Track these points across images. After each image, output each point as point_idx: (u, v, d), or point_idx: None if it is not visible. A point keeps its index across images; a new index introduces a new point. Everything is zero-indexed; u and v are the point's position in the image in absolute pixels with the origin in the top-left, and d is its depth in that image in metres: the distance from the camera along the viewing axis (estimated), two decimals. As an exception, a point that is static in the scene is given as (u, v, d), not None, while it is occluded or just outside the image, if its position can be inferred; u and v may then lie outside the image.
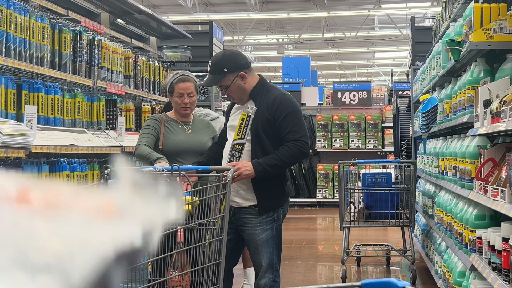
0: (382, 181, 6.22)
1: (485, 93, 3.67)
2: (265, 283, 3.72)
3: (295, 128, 3.62)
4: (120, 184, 0.65)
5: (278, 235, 3.76)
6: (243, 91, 3.69)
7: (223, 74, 3.62)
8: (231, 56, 3.69)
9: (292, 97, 3.81)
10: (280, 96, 3.69)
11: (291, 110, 3.65)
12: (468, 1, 4.48)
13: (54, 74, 4.86)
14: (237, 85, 3.65)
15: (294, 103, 3.74)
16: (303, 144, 3.61)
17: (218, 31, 9.53)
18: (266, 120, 3.63)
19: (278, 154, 3.57)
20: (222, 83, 3.65)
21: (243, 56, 3.77)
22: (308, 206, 12.98)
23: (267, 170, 3.55)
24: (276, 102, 3.64)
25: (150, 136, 4.05)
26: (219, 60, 3.65)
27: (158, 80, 7.20)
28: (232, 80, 3.63)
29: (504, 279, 3.09)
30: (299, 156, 3.64)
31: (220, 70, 3.62)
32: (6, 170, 3.99)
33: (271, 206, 3.71)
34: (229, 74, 3.63)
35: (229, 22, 21.49)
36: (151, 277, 3.39)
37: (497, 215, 3.75)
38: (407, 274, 6.36)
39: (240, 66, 3.66)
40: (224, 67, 3.62)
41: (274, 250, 3.74)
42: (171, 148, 4.10)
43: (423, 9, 18.65)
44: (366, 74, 32.55)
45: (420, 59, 8.48)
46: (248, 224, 3.72)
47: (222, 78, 3.63)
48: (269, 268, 3.72)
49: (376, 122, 12.73)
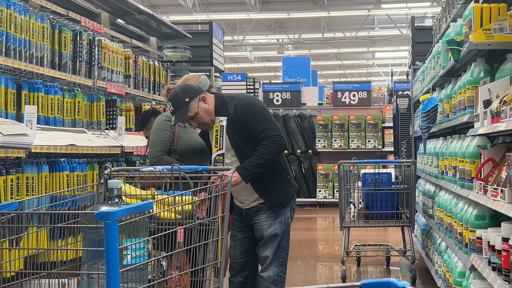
0: (382, 181, 6.22)
1: (485, 93, 3.67)
2: (268, 276, 3.78)
3: (264, 125, 3.72)
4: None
5: (286, 230, 3.86)
6: (210, 112, 3.77)
7: (187, 104, 3.70)
8: (185, 87, 3.78)
9: (251, 96, 3.93)
10: (237, 102, 3.78)
11: (253, 111, 3.75)
12: (468, 1, 4.48)
13: (54, 74, 4.86)
14: (203, 109, 3.74)
15: (254, 103, 3.82)
16: (278, 138, 3.72)
17: (218, 31, 9.53)
18: (239, 130, 3.75)
19: (258, 154, 3.69)
20: (190, 114, 3.71)
21: (193, 82, 3.87)
22: (308, 206, 12.98)
23: (252, 172, 3.67)
24: (237, 110, 3.75)
25: (167, 143, 4.15)
26: (177, 95, 3.72)
27: (158, 80, 7.20)
28: (197, 107, 3.72)
29: (504, 279, 3.09)
30: (278, 149, 3.73)
31: (182, 103, 3.70)
32: (6, 170, 3.99)
33: (276, 202, 3.83)
34: (192, 102, 3.71)
35: (229, 22, 21.48)
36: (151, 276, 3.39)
37: (497, 215, 3.75)
38: (407, 274, 6.36)
39: (196, 91, 3.76)
40: (184, 98, 3.70)
41: (282, 244, 3.83)
42: (184, 147, 4.20)
43: (423, 9, 18.64)
44: (366, 74, 32.55)
45: (420, 59, 8.48)
46: (257, 221, 3.84)
47: (188, 108, 3.70)
48: (274, 261, 3.78)
49: (376, 122, 12.72)
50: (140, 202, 2.76)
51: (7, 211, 2.49)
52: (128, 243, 2.47)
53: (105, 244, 2.13)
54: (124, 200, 2.84)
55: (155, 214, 2.94)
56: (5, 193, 3.95)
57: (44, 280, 2.71)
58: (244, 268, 3.92)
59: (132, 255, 2.51)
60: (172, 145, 4.16)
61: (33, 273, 2.61)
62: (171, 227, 2.98)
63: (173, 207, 2.94)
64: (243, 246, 3.92)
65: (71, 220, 2.91)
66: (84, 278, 2.48)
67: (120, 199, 2.68)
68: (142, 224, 2.57)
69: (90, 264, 2.42)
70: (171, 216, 3.02)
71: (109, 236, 2.13)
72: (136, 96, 6.63)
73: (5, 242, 2.52)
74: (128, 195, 3.10)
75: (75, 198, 3.70)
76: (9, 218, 2.54)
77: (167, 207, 2.98)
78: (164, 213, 2.97)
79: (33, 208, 3.29)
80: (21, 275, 2.62)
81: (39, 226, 3.85)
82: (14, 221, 2.62)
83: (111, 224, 2.14)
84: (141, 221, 2.53)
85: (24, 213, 2.93)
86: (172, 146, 4.16)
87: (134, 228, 2.49)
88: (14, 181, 4.05)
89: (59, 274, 2.81)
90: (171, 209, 2.97)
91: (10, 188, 4.00)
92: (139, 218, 2.49)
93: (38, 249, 3.61)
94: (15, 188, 4.07)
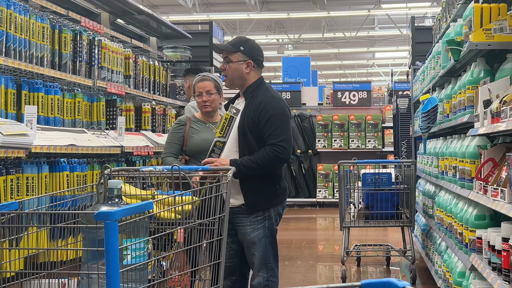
0: (382, 181, 6.22)
1: (485, 93, 3.67)
2: (259, 282, 3.71)
3: (276, 131, 3.65)
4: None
5: (271, 235, 3.75)
6: (238, 76, 3.75)
7: (237, 50, 3.73)
8: (254, 45, 3.82)
9: (281, 100, 3.80)
10: (267, 98, 3.72)
11: (274, 113, 3.67)
12: (468, 1, 4.48)
13: (54, 74, 4.86)
14: (237, 67, 3.74)
15: (280, 107, 3.73)
16: (281, 150, 3.62)
17: (218, 31, 9.54)
18: (252, 121, 3.69)
19: (255, 157, 3.62)
20: (229, 55, 3.73)
21: (262, 54, 3.88)
22: (308, 206, 12.99)
23: (242, 171, 3.59)
24: (262, 104, 3.69)
25: (174, 145, 4.37)
26: (242, 40, 3.79)
27: (158, 80, 7.20)
28: (238, 60, 3.73)
29: (504, 279, 3.09)
30: (275, 161, 3.64)
31: (237, 46, 3.74)
32: (6, 170, 3.99)
33: (260, 206, 3.73)
34: (241, 54, 3.74)
35: (229, 22, 21.49)
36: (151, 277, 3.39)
37: (497, 215, 3.75)
38: (407, 274, 6.36)
39: (254, 56, 3.77)
40: (242, 46, 3.74)
41: (268, 249, 3.73)
42: (194, 148, 4.35)
43: (423, 9, 18.64)
44: (366, 74, 32.55)
45: (420, 59, 8.47)
46: (240, 224, 3.75)
47: (233, 51, 3.73)
48: (263, 267, 3.70)
49: (376, 122, 12.73)
50: (140, 202, 2.76)
51: (7, 211, 2.49)
52: (128, 243, 2.47)
53: (105, 244, 2.13)
54: (124, 200, 2.84)
55: (155, 214, 2.94)
56: (5, 193, 3.95)
57: (44, 280, 2.71)
58: (232, 273, 3.82)
59: (132, 255, 2.51)
60: (183, 146, 4.36)
61: (33, 273, 2.61)
62: (171, 227, 2.98)
63: (173, 207, 2.94)
64: (231, 251, 3.80)
65: (71, 220, 2.91)
66: (84, 278, 2.48)
67: (120, 199, 2.68)
68: (142, 224, 2.57)
69: (90, 264, 2.42)
70: (171, 216, 3.02)
71: (109, 236, 2.13)
72: (136, 96, 6.63)
73: (5, 242, 2.52)
74: (128, 195, 3.10)
75: (75, 198, 3.70)
76: (9, 218, 2.54)
77: (167, 207, 2.98)
78: (164, 213, 2.97)
79: (33, 208, 3.29)
80: (21, 275, 2.62)
81: (39, 226, 3.85)
82: (14, 221, 2.62)
83: (111, 224, 2.14)
84: (141, 221, 2.53)
85: (24, 213, 2.93)
86: (183, 147, 4.36)
87: (134, 228, 2.49)
88: (14, 181, 4.05)
89: (59, 274, 2.81)
90: (171, 209, 2.97)
91: (10, 188, 4.00)
92: (139, 218, 2.49)
93: (38, 249, 3.61)
94: (15, 188, 4.07)
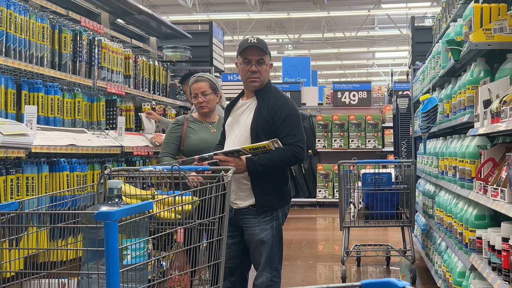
0: (382, 181, 6.22)
1: (485, 93, 3.67)
2: (262, 282, 3.73)
3: (292, 132, 3.72)
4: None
5: (278, 235, 3.79)
6: (267, 76, 3.89)
7: (268, 52, 3.87)
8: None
9: (292, 101, 3.92)
10: (281, 99, 3.82)
11: (290, 113, 3.76)
12: (468, 1, 4.48)
13: (54, 74, 4.86)
14: (268, 69, 3.88)
15: (294, 107, 3.85)
16: (298, 149, 3.70)
17: (218, 31, 9.53)
18: (265, 121, 3.74)
19: (273, 156, 3.66)
20: (264, 57, 3.83)
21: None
22: (308, 206, 12.98)
23: (258, 169, 3.65)
24: (276, 104, 3.76)
25: (171, 145, 4.48)
26: (265, 42, 3.90)
27: (158, 80, 7.20)
28: (269, 63, 3.88)
29: (504, 279, 3.09)
30: (292, 160, 3.72)
31: (267, 49, 3.86)
32: (6, 170, 3.99)
33: (269, 206, 3.76)
34: (269, 56, 3.89)
35: (229, 22, 21.48)
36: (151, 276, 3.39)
37: (497, 215, 3.75)
38: (407, 274, 6.36)
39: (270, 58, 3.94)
40: (267, 49, 3.87)
41: (275, 250, 3.76)
42: (191, 147, 4.41)
43: (423, 9, 18.64)
44: (366, 74, 32.55)
45: (420, 59, 8.47)
46: (248, 224, 3.77)
47: (267, 53, 3.86)
48: (267, 266, 3.72)
49: (376, 122, 12.73)
50: (140, 202, 2.76)
51: (7, 211, 2.49)
52: (128, 243, 2.47)
53: (105, 244, 2.13)
54: (124, 200, 2.84)
55: (155, 214, 2.94)
56: (5, 193, 3.95)
57: (44, 280, 2.71)
58: (232, 273, 3.82)
59: (132, 255, 2.51)
60: (180, 146, 4.41)
61: (33, 273, 2.61)
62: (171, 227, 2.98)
63: (173, 207, 2.94)
64: (232, 252, 3.81)
65: (71, 220, 2.91)
66: (84, 278, 2.48)
67: (120, 199, 2.68)
68: (142, 224, 2.57)
69: (90, 264, 2.42)
70: (171, 216, 3.02)
71: (109, 236, 2.13)
72: (136, 96, 6.63)
73: (5, 242, 2.52)
74: (128, 195, 3.10)
75: (75, 198, 3.70)
76: (9, 218, 2.54)
77: (167, 207, 2.98)
78: (164, 213, 2.97)
79: (33, 208, 3.28)
80: (21, 275, 2.62)
81: (39, 226, 3.85)
82: (14, 221, 2.62)
83: (111, 224, 2.14)
84: (141, 221, 2.53)
85: (24, 213, 2.93)
86: (180, 147, 4.40)
87: (134, 228, 2.48)
88: (14, 181, 4.05)
89: (59, 274, 2.81)
90: (171, 209, 2.97)
91: (10, 188, 4.00)
92: (139, 218, 2.49)
93: (38, 249, 3.61)
94: (15, 188, 4.07)
